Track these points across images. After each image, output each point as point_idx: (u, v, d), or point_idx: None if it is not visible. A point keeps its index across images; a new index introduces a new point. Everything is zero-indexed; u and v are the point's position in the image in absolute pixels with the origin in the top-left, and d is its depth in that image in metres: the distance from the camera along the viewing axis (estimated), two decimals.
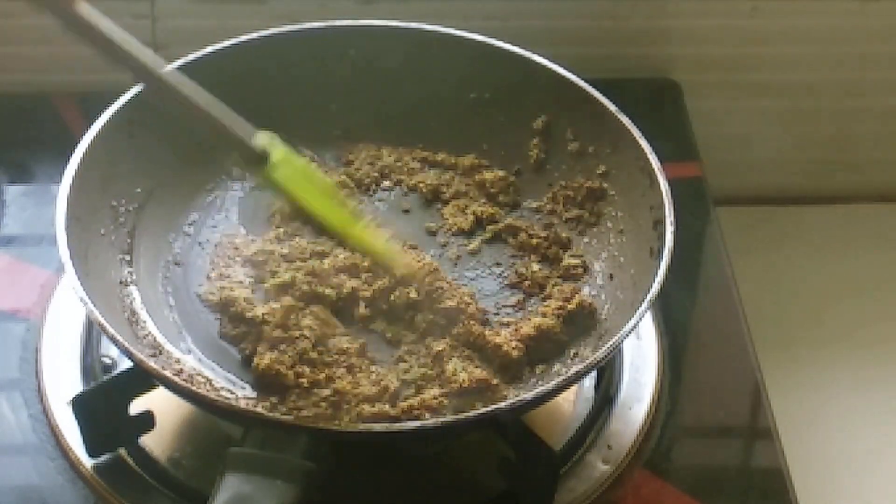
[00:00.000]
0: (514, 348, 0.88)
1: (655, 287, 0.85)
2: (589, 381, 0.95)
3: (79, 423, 0.87)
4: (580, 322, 0.91)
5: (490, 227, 0.99)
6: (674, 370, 0.99)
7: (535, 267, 0.96)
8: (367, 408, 0.83)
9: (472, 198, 1.01)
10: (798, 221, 1.32)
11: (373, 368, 0.87)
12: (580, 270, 0.96)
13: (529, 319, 0.91)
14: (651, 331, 1.00)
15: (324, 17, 1.15)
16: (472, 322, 0.89)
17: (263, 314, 0.88)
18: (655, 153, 0.94)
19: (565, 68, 1.01)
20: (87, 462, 0.89)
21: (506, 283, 0.95)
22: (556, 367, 0.89)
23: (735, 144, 1.31)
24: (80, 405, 0.86)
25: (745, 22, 1.24)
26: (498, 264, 0.97)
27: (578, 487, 0.90)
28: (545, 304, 0.93)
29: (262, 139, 0.84)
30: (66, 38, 1.20)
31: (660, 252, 0.87)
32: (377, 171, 1.03)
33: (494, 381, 0.86)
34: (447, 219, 1.00)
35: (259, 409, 0.80)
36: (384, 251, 0.89)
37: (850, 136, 1.32)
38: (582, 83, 1.00)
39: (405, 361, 0.88)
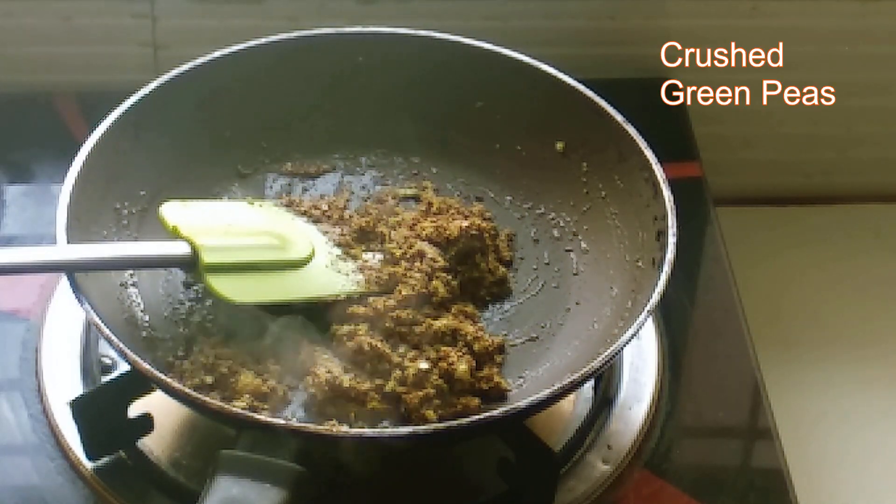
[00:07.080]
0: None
1: (655, 297, 0.84)
2: (589, 381, 0.95)
3: (78, 427, 0.87)
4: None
5: None
6: (674, 370, 0.99)
7: None
8: None
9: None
10: (798, 221, 1.32)
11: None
12: None
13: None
14: (651, 331, 1.00)
15: (323, 18, 1.15)
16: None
17: None
18: (655, 153, 0.94)
19: (567, 73, 1.01)
20: (88, 462, 0.89)
21: None
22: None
23: (735, 144, 1.31)
24: (79, 409, 0.86)
25: (745, 22, 1.24)
26: None
27: (578, 487, 0.90)
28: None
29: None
30: (66, 38, 1.21)
31: (661, 263, 0.87)
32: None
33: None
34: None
35: (250, 413, 0.80)
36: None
37: (850, 136, 1.32)
38: (589, 92, 0.99)
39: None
